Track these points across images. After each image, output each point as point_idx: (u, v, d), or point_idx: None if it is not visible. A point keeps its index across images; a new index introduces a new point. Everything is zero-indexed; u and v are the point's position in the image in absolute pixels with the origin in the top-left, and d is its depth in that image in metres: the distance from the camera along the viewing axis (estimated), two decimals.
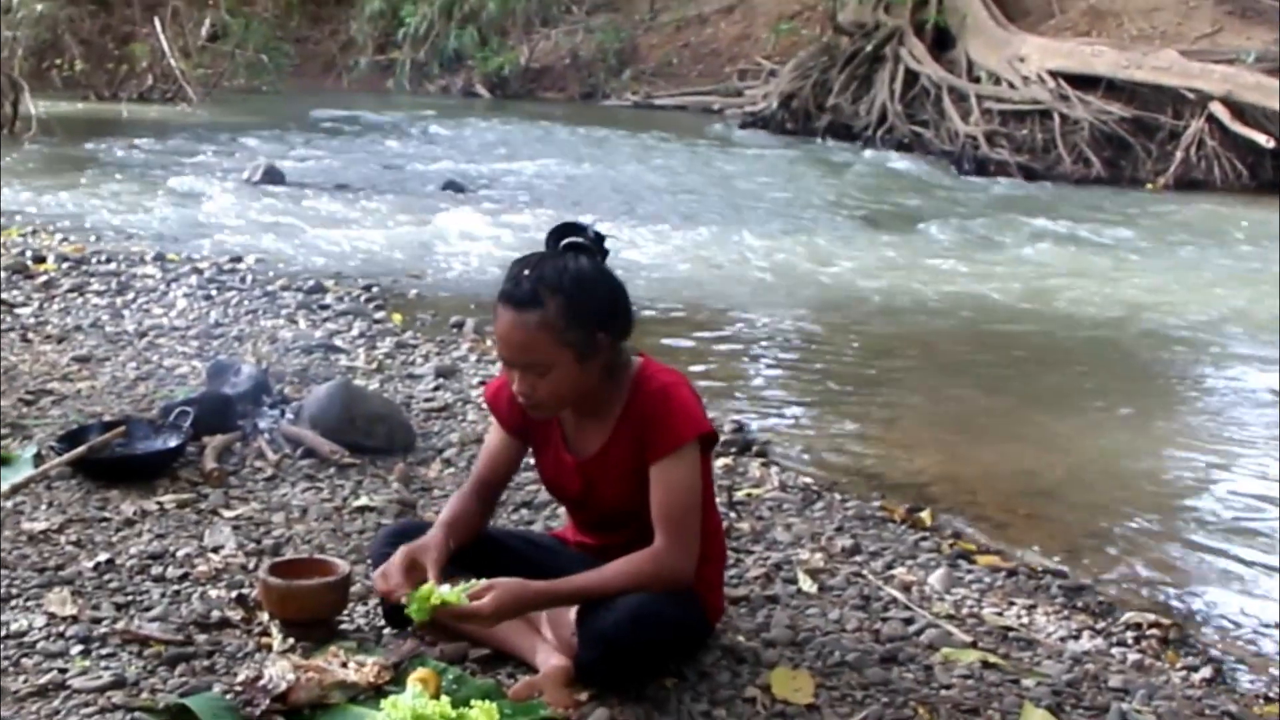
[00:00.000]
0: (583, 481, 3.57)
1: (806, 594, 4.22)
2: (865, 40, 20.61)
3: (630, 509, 3.47)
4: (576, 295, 3.29)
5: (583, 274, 3.34)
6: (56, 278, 8.72)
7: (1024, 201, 14.91)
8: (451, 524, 3.52)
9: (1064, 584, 4.62)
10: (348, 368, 6.81)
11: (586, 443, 3.54)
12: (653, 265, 10.58)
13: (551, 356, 3.29)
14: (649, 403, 3.40)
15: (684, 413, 3.37)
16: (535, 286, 3.28)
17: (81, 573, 4.05)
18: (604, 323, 3.36)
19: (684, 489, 3.37)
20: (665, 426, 3.36)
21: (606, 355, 3.39)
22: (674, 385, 3.42)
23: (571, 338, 3.29)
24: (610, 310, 3.39)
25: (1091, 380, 7.98)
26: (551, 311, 3.26)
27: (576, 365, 3.32)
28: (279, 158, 15.62)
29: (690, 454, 3.37)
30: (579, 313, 3.29)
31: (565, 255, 3.39)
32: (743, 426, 6.31)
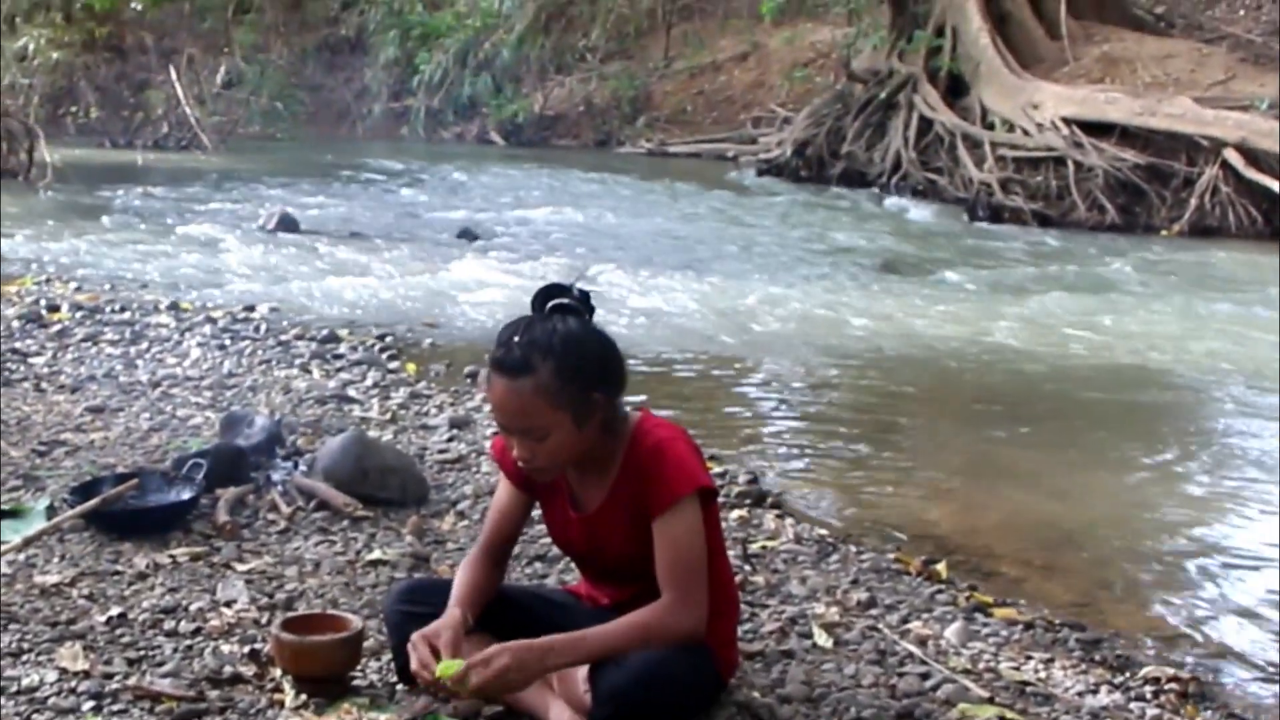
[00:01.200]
0: (587, 536, 3.56)
1: (822, 649, 4.19)
2: (879, 87, 20.66)
3: (635, 562, 3.45)
4: (568, 358, 3.29)
5: (571, 335, 3.33)
6: (70, 327, 8.74)
7: (1038, 249, 14.90)
8: (467, 598, 3.50)
9: (1081, 637, 4.57)
10: (361, 418, 6.80)
11: (589, 498, 3.53)
12: (666, 313, 10.57)
13: (547, 421, 3.29)
14: (645, 458, 3.38)
15: (679, 468, 3.35)
16: (526, 352, 3.28)
17: (94, 627, 4.03)
18: (598, 382, 3.36)
19: (685, 544, 3.34)
20: (661, 482, 3.34)
21: (603, 413, 3.38)
22: (669, 440, 3.41)
23: (566, 400, 3.29)
24: (603, 369, 3.39)
25: (1107, 429, 7.94)
26: (544, 376, 3.26)
27: (574, 427, 3.32)
28: (293, 205, 15.67)
29: (689, 508, 3.35)
30: (572, 375, 3.29)
31: (553, 318, 3.38)
32: (757, 477, 6.28)
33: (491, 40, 28.10)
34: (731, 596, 3.69)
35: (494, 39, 28.08)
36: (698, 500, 3.37)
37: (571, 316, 3.40)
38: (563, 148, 26.47)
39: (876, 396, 8.50)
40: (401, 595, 3.61)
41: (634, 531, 3.42)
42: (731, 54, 27.55)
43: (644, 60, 28.49)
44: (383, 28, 29.57)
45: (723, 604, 3.52)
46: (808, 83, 24.77)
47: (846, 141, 20.61)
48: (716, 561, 3.51)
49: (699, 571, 3.36)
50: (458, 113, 28.58)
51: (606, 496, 3.48)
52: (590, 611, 3.62)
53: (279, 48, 29.78)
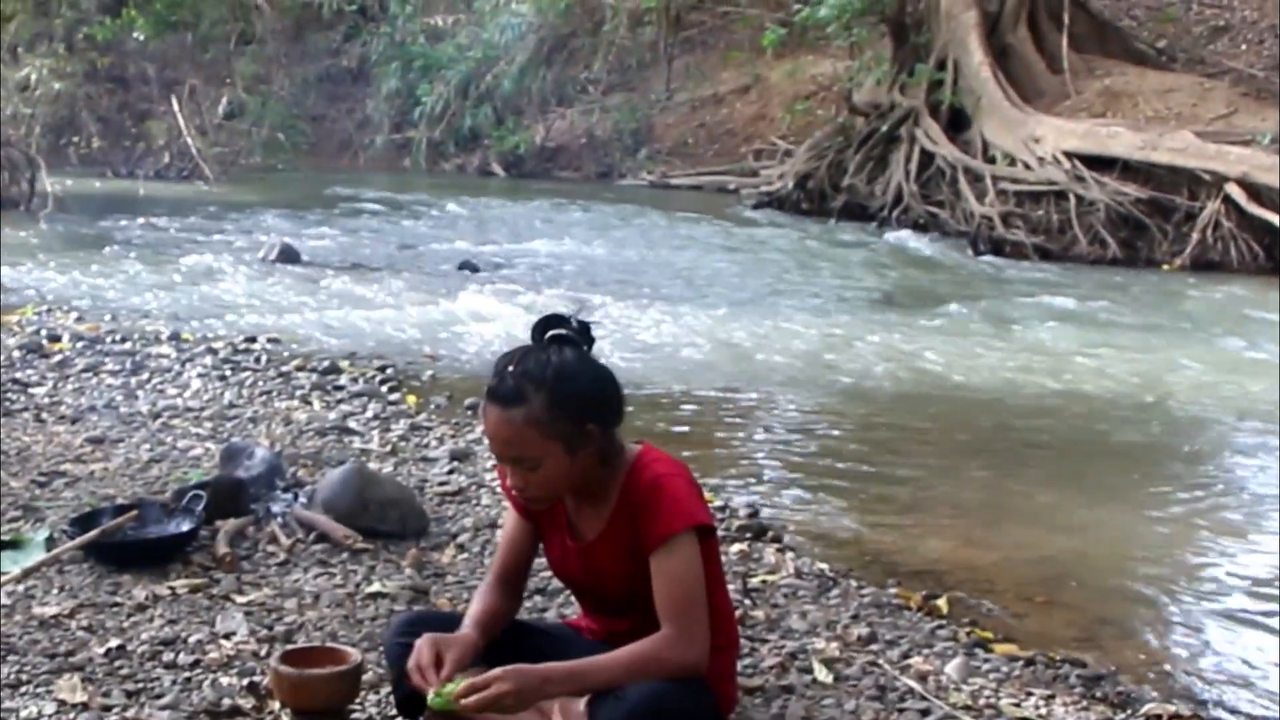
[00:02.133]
0: (584, 566, 3.57)
1: (822, 684, 4.18)
2: (880, 121, 20.68)
3: (632, 594, 3.45)
4: (560, 388, 3.31)
5: (565, 366, 3.35)
6: (71, 357, 8.74)
7: (1040, 282, 14.89)
8: (481, 623, 3.51)
9: (1082, 673, 4.55)
10: (362, 450, 6.79)
11: (587, 528, 3.53)
12: (666, 346, 10.57)
13: (539, 451, 3.31)
14: (642, 493, 3.38)
15: (675, 504, 3.35)
16: (519, 382, 3.30)
17: (92, 659, 4.02)
18: (591, 413, 3.37)
19: (683, 578, 3.34)
20: (657, 518, 3.34)
21: (597, 444, 3.39)
22: (668, 476, 3.41)
23: (558, 431, 3.30)
24: (597, 401, 3.40)
25: (1108, 464, 7.93)
26: (536, 406, 3.28)
27: (566, 457, 3.34)
28: (295, 236, 15.70)
29: (685, 543, 3.34)
30: (564, 405, 3.30)
31: (549, 348, 3.40)
32: (757, 511, 6.27)
33: (493, 72, 28.17)
34: (730, 631, 3.68)
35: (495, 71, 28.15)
36: (695, 536, 3.37)
37: (568, 348, 3.41)
38: (564, 180, 26.50)
39: (877, 430, 8.49)
40: (401, 628, 3.60)
41: (630, 563, 3.42)
42: (733, 86, 27.61)
43: (645, 92, 28.55)
44: (384, 59, 29.64)
45: (722, 639, 3.51)
46: (809, 115, 24.80)
47: (848, 174, 20.61)
48: (716, 596, 3.51)
49: (698, 605, 3.35)
50: (459, 144, 28.64)
51: (604, 527, 3.48)
52: (589, 644, 3.61)
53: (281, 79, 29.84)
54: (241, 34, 30.00)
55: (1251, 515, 6.85)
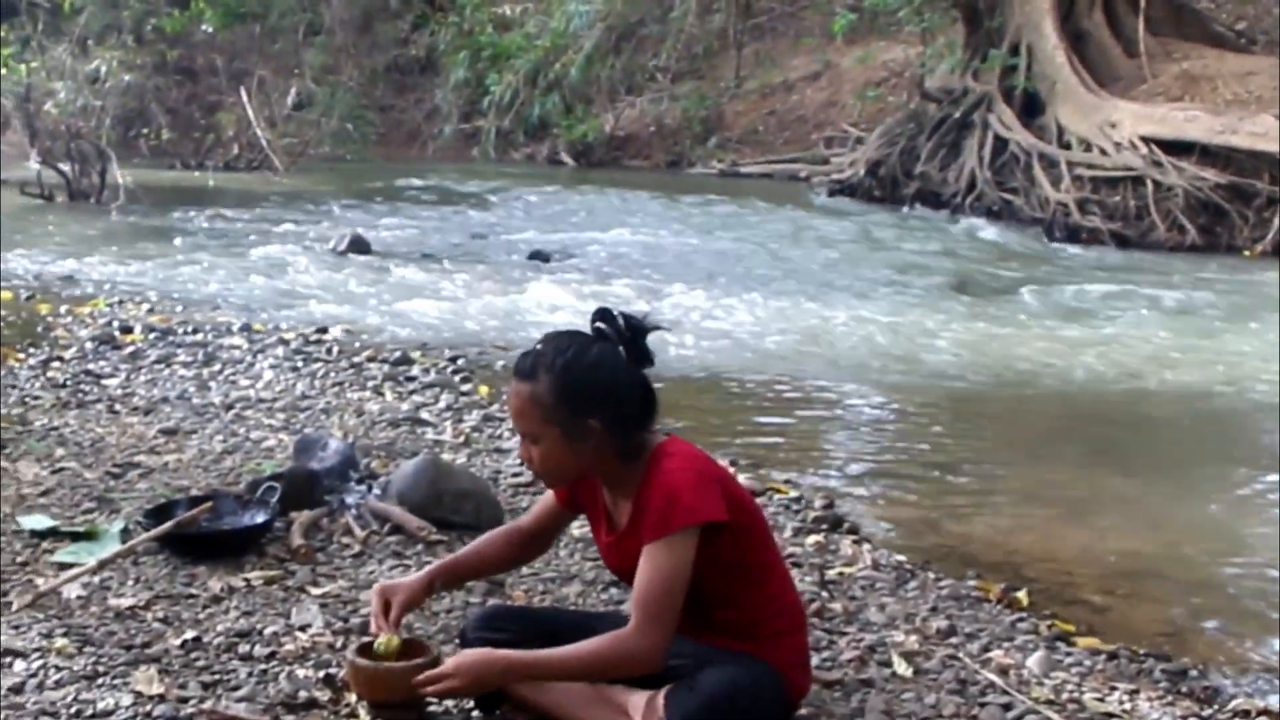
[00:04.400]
0: (618, 556, 3.58)
1: (902, 678, 4.13)
2: (953, 107, 20.49)
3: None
4: (566, 378, 3.39)
5: (581, 359, 3.42)
6: (143, 348, 8.79)
7: (1117, 270, 14.73)
8: (448, 568, 3.77)
9: (1167, 668, 4.48)
10: (434, 441, 6.78)
11: (619, 519, 3.56)
12: (739, 335, 10.52)
13: (538, 429, 3.42)
14: (652, 487, 3.40)
15: (678, 501, 3.35)
16: (536, 361, 3.43)
17: (168, 650, 4.03)
18: (594, 410, 3.40)
19: (663, 576, 3.34)
20: (657, 514, 3.36)
21: (601, 440, 3.42)
22: (674, 471, 3.40)
23: (558, 417, 3.39)
24: (603, 399, 3.41)
25: (1190, 454, 7.83)
26: (541, 388, 3.39)
27: (564, 443, 3.42)
28: (364, 227, 15.74)
29: (681, 541, 3.34)
30: (566, 395, 3.38)
31: (577, 338, 3.47)
32: (833, 502, 6.22)
33: (561, 61, 28.12)
34: (794, 616, 3.64)
35: (564, 59, 28.10)
36: (693, 535, 3.35)
37: (600, 343, 3.46)
38: (634, 168, 26.45)
39: (952, 419, 8.41)
40: (479, 622, 3.61)
41: None
42: (803, 73, 27.45)
43: (715, 80, 28.44)
44: (453, 49, 29.66)
45: (783, 623, 3.55)
46: (880, 102, 24.62)
47: (920, 161, 20.45)
48: (768, 584, 3.54)
49: (668, 604, 3.35)
50: (528, 133, 28.63)
51: (629, 518, 3.50)
52: None
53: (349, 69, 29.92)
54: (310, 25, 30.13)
55: None
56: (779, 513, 5.95)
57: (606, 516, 3.59)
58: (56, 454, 6.23)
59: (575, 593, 4.70)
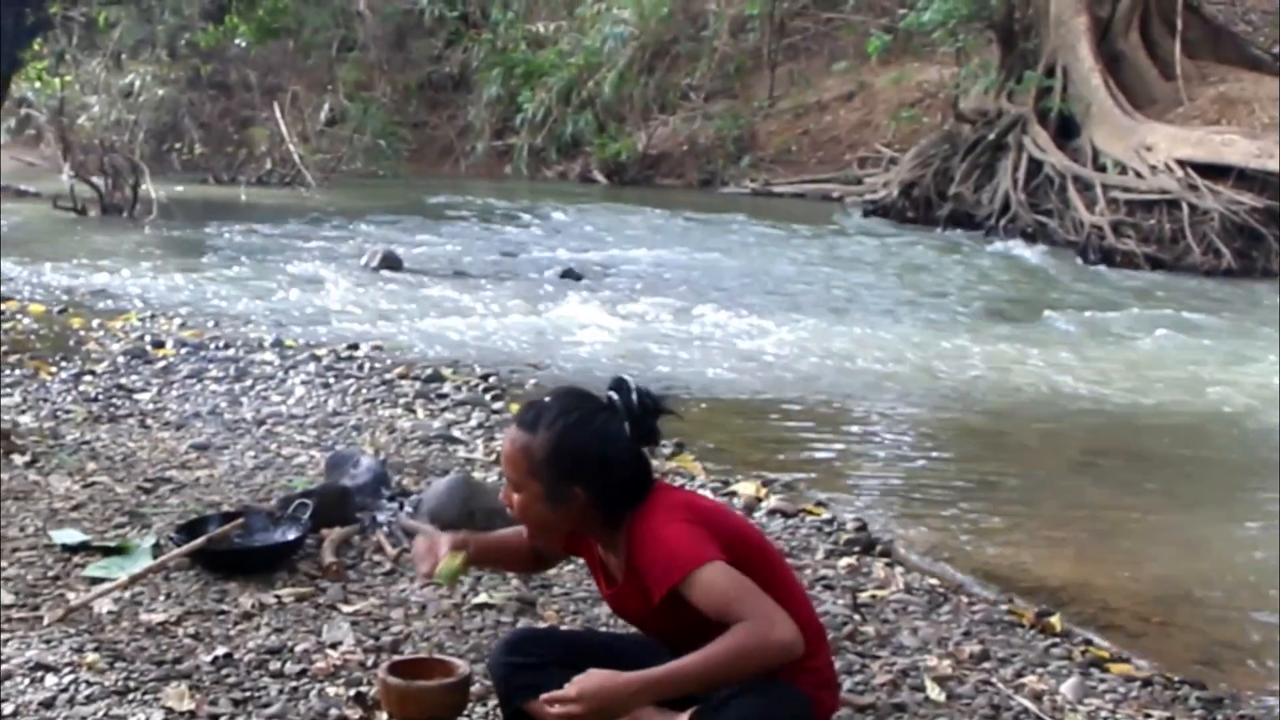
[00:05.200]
0: (622, 607, 3.56)
1: (935, 702, 4.12)
2: (988, 128, 20.44)
3: (665, 632, 3.43)
4: (560, 443, 3.33)
5: (581, 427, 3.36)
6: (175, 363, 8.82)
7: (1152, 293, 14.66)
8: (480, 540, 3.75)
9: (1202, 695, 4.45)
10: (466, 459, 6.77)
11: (614, 573, 3.50)
12: (771, 356, 10.51)
13: (521, 480, 3.37)
14: (640, 549, 3.34)
15: (666, 557, 3.27)
16: (539, 415, 3.38)
17: (199, 666, 4.03)
18: (581, 479, 3.34)
19: (715, 591, 3.23)
20: (653, 574, 3.29)
21: (585, 508, 3.36)
22: (660, 526, 3.32)
23: (544, 475, 3.33)
24: (593, 471, 3.34)
25: (1225, 479, 7.78)
26: (537, 443, 3.34)
27: (543, 503, 3.36)
28: (396, 243, 15.80)
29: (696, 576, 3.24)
30: (556, 458, 3.33)
31: (586, 402, 3.42)
32: (865, 525, 6.19)
33: (595, 78, 28.15)
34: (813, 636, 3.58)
35: (597, 77, 28.14)
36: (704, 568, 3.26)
37: (606, 414, 3.39)
38: (666, 187, 26.45)
39: (984, 442, 8.38)
40: (507, 647, 3.57)
41: (650, 610, 3.37)
42: (837, 93, 27.41)
43: (748, 99, 28.41)
44: (486, 65, 29.71)
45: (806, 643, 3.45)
46: (915, 123, 24.57)
47: (954, 183, 20.38)
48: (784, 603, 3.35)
49: (749, 595, 3.24)
50: (560, 151, 28.65)
51: (623, 576, 3.45)
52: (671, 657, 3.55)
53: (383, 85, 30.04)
54: (344, 40, 30.24)
55: None
56: (811, 534, 5.93)
57: (602, 567, 3.55)
58: (88, 468, 6.25)
59: (606, 613, 4.67)
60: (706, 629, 3.26)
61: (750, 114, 27.79)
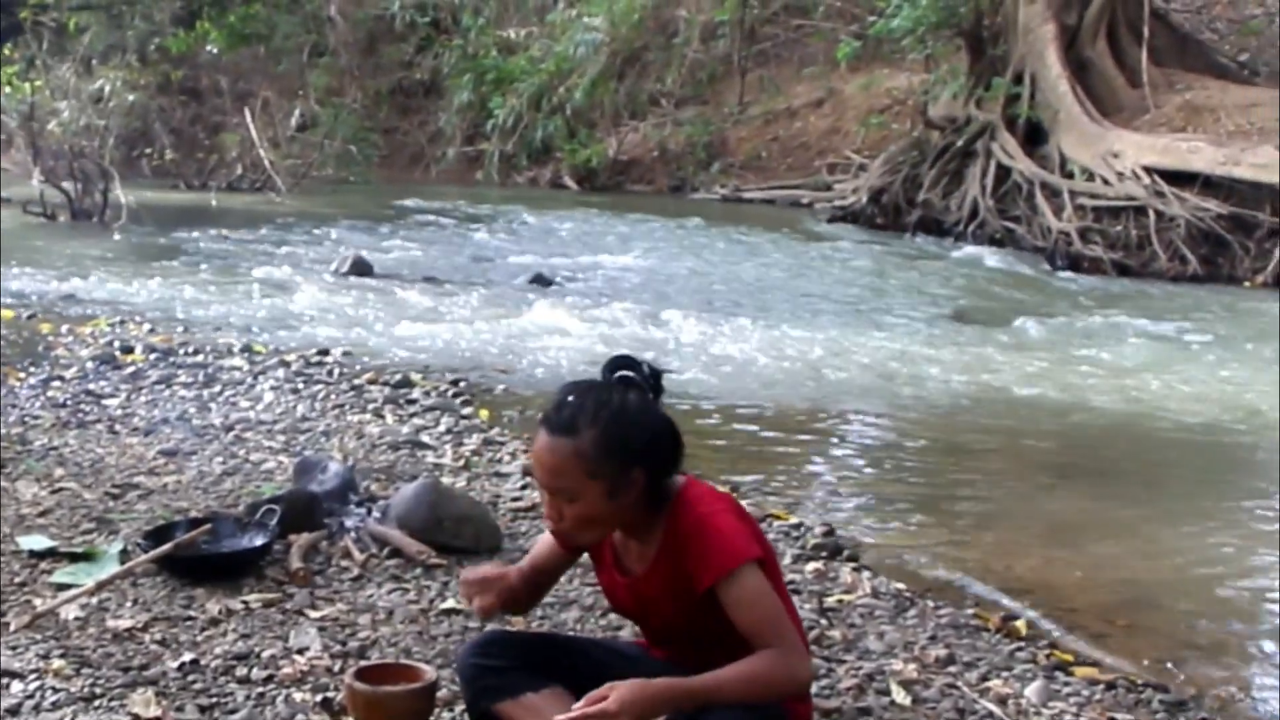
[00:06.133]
0: (635, 600, 3.52)
1: (900, 706, 4.14)
2: (956, 135, 20.53)
3: (682, 628, 3.43)
4: (613, 430, 3.26)
5: (625, 409, 3.31)
6: (144, 369, 8.80)
7: (1118, 299, 14.75)
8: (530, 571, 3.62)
9: (1165, 699, 4.48)
10: (435, 465, 6.78)
11: (633, 563, 3.48)
12: (739, 361, 10.53)
13: (579, 485, 3.27)
14: (688, 533, 3.32)
15: (721, 544, 3.28)
16: (575, 414, 3.27)
17: (166, 673, 4.03)
18: (640, 460, 3.30)
19: (757, 600, 3.27)
20: (704, 560, 3.28)
21: (641, 490, 3.33)
22: (713, 515, 3.34)
23: (603, 471, 3.26)
24: (648, 448, 3.33)
25: (1189, 485, 7.83)
26: (586, 442, 3.24)
27: (605, 499, 3.29)
28: (367, 249, 15.77)
29: (746, 574, 3.27)
30: (613, 448, 3.26)
31: (614, 388, 3.36)
32: (833, 530, 6.20)
33: (565, 85, 28.17)
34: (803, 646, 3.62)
35: (568, 83, 28.15)
36: (754, 566, 3.30)
37: (633, 391, 3.37)
38: (637, 193, 26.48)
39: (952, 448, 8.41)
40: (475, 649, 3.57)
41: (679, 599, 3.37)
42: (807, 100, 27.48)
43: (719, 106, 28.47)
44: (457, 71, 29.70)
45: None
46: (884, 129, 24.67)
47: (923, 189, 20.47)
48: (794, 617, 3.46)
49: (782, 620, 3.30)
50: (531, 157, 28.66)
51: (651, 564, 3.43)
52: (659, 664, 3.56)
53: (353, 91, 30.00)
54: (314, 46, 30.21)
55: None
56: (779, 539, 5.94)
57: (615, 559, 3.54)
58: (56, 474, 6.23)
59: (574, 618, 4.70)
60: (721, 634, 3.30)
61: (720, 120, 27.85)
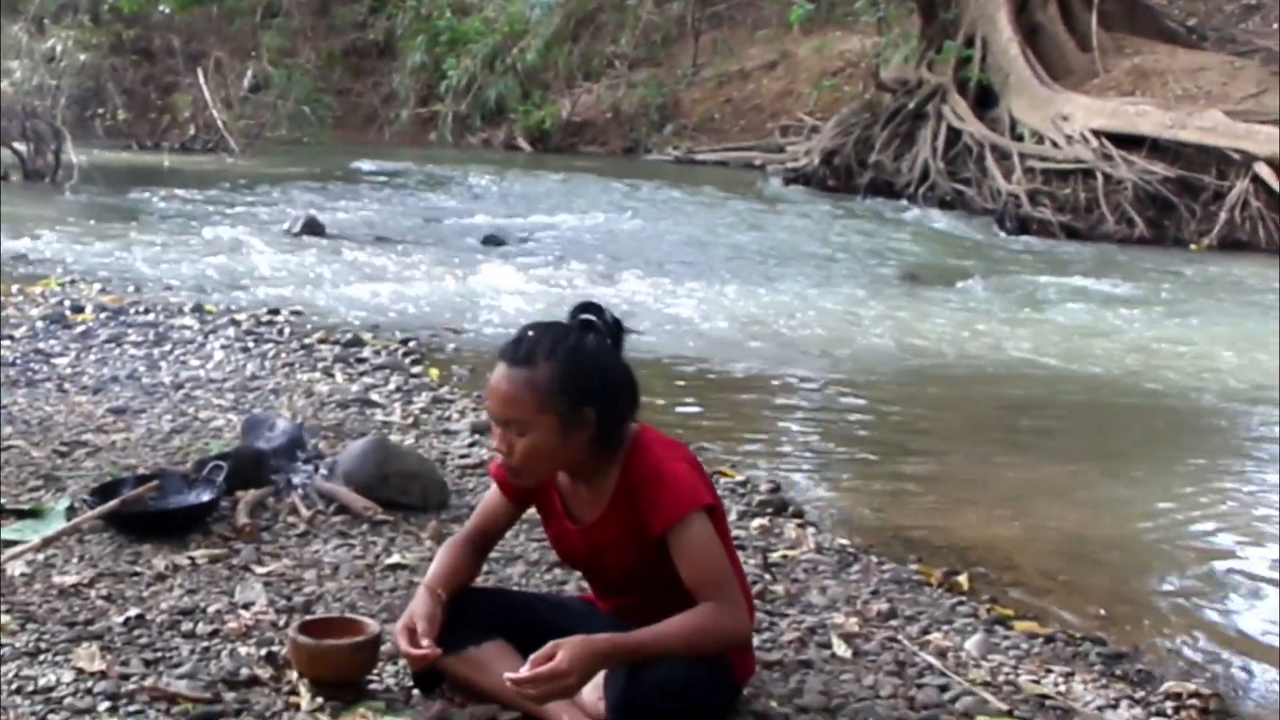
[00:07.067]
0: (587, 547, 3.57)
1: (841, 659, 4.17)
2: (908, 98, 20.59)
3: (635, 575, 3.49)
4: (569, 366, 3.32)
5: (581, 348, 3.37)
6: (94, 328, 8.75)
7: (1066, 261, 14.85)
8: (442, 579, 3.57)
9: (1102, 651, 4.53)
10: (383, 422, 6.79)
11: (584, 511, 3.53)
12: (689, 321, 10.56)
13: (530, 417, 3.31)
14: (643, 478, 3.38)
15: (677, 488, 3.36)
16: (533, 348, 3.34)
17: (111, 628, 4.03)
18: (592, 399, 3.35)
19: (704, 551, 3.34)
20: (660, 504, 3.34)
21: (592, 430, 3.37)
22: (668, 460, 3.41)
23: (555, 405, 3.31)
24: (602, 387, 3.38)
25: (1132, 443, 7.90)
26: (541, 375, 3.30)
27: (556, 433, 3.33)
28: (319, 209, 15.73)
29: (696, 522, 3.35)
30: (568, 383, 3.31)
31: (572, 328, 3.41)
32: (779, 486, 6.25)
33: (519, 46, 28.10)
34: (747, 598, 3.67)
35: (521, 45, 28.08)
36: (705, 515, 3.36)
37: (592, 334, 3.42)
38: (590, 154, 26.46)
39: (899, 406, 8.46)
40: None
41: (632, 545, 3.43)
42: (760, 62, 27.50)
43: (672, 68, 28.45)
44: (410, 33, 29.59)
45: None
46: (836, 92, 24.70)
47: (874, 151, 20.53)
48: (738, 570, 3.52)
49: (727, 574, 3.37)
50: (485, 118, 28.60)
51: (603, 510, 3.48)
52: (605, 619, 3.60)
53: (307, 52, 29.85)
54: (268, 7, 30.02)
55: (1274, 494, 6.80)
56: (725, 496, 5.95)
57: (564, 507, 3.57)
58: (4, 432, 6.20)
59: (519, 573, 4.72)
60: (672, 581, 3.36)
61: (674, 82, 27.85)
